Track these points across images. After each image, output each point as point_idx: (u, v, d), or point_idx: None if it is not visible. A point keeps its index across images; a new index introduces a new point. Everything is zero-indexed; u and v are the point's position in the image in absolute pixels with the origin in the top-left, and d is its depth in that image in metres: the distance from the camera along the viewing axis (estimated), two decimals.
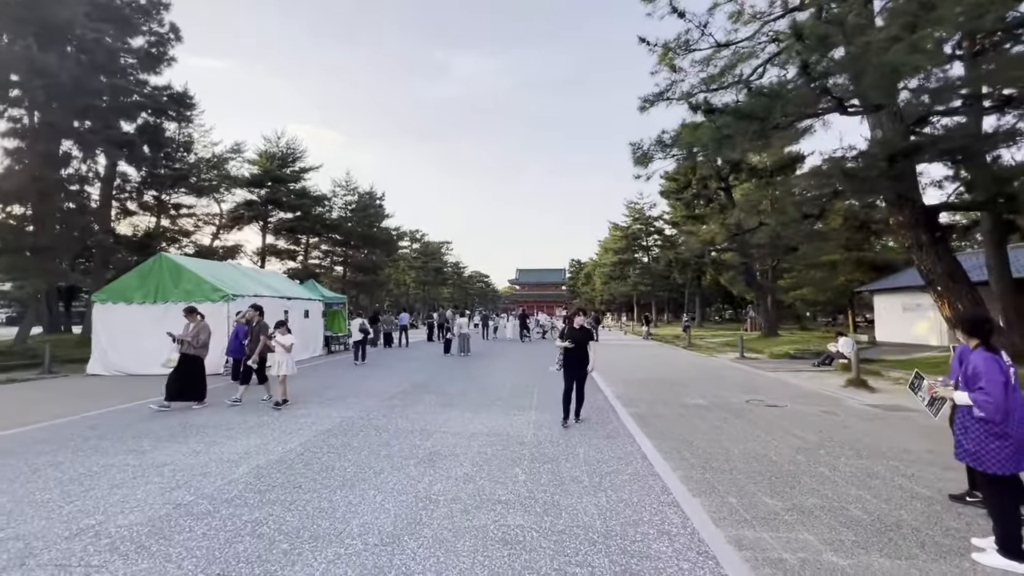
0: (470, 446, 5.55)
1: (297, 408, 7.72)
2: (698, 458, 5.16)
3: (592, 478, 4.51)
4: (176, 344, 7.77)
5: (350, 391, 9.40)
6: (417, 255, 60.44)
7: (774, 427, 6.59)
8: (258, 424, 6.63)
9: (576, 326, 6.66)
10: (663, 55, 10.59)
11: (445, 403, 8.18)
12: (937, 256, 9.66)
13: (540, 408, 7.80)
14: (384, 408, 7.73)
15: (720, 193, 23.03)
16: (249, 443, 5.66)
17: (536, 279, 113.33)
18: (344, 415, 7.19)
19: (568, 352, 6.52)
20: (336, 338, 18.78)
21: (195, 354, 7.81)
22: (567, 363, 6.58)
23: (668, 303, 57.03)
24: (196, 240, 26.52)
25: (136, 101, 18.90)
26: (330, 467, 4.77)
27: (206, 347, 8.00)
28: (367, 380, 10.94)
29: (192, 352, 7.77)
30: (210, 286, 12.29)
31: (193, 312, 8.13)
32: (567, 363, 6.58)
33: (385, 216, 42.77)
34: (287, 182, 32.21)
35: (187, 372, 7.67)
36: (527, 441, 5.79)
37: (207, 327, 8.07)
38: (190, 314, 8.08)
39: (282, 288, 16.01)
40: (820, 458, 5.19)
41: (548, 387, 9.85)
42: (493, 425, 6.60)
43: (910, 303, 21.95)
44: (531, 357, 16.79)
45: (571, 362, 6.55)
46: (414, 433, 6.14)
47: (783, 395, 9.21)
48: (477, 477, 4.51)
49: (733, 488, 4.29)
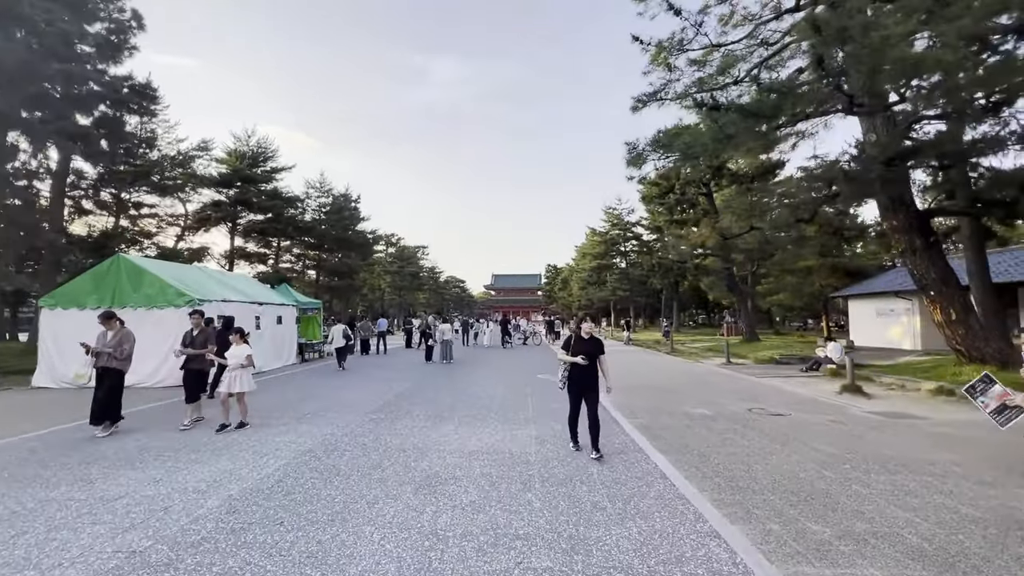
0: (471, 467, 5.01)
1: (272, 425, 7.01)
2: (721, 477, 4.76)
3: (615, 503, 4.04)
4: (90, 357, 6.62)
5: (330, 404, 8.70)
6: (393, 259, 59.18)
7: (788, 439, 6.27)
8: (228, 444, 5.91)
9: (584, 335, 5.51)
10: (656, 54, 10.36)
11: (435, 416, 7.60)
12: (930, 261, 9.68)
13: (538, 421, 7.31)
14: (369, 423, 7.10)
15: (702, 199, 23.16)
16: (219, 468, 4.97)
17: (512, 284, 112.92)
18: (326, 432, 6.53)
19: (575, 368, 5.43)
20: (311, 345, 17.85)
21: (117, 367, 6.65)
22: (574, 381, 5.48)
23: (645, 308, 57.47)
24: (159, 242, 25.04)
25: (93, 91, 17.58)
26: (315, 496, 4.16)
27: (130, 359, 6.84)
28: (347, 391, 10.24)
29: (115, 365, 6.61)
30: (174, 290, 11.37)
31: (112, 318, 6.86)
32: (574, 381, 5.48)
33: (360, 219, 41.64)
34: (258, 182, 30.89)
35: (110, 388, 6.57)
36: (532, 460, 5.28)
37: (131, 335, 6.88)
38: (108, 320, 6.81)
39: (253, 292, 15.08)
40: (848, 474, 4.86)
41: (543, 396, 9.38)
42: (492, 441, 6.07)
43: (884, 308, 22.49)
44: (516, 364, 16.28)
45: (579, 380, 5.45)
46: (406, 452, 5.56)
47: (782, 402, 8.98)
48: (486, 505, 3.98)
49: (771, 512, 3.89)
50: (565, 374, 5.55)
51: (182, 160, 24.33)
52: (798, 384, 11.40)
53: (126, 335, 6.82)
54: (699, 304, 55.66)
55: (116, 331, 6.77)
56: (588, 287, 53.60)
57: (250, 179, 30.23)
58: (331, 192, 39.64)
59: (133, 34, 18.11)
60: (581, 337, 5.57)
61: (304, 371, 14.31)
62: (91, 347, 6.57)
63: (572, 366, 5.45)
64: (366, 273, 47.54)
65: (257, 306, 14.15)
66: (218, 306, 12.01)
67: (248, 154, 31.53)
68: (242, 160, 30.81)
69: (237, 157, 30.90)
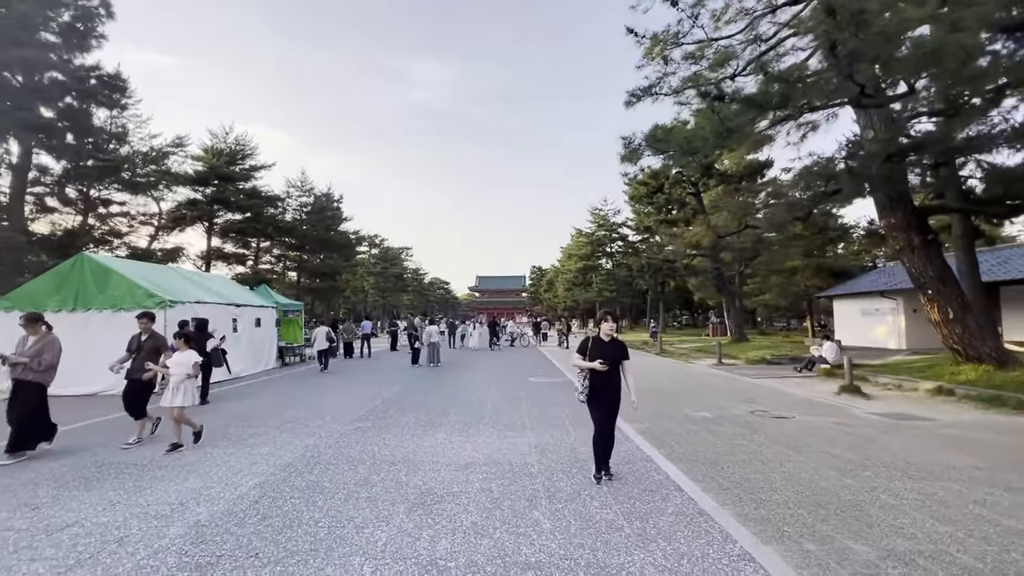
0: (469, 481, 4.58)
1: (249, 435, 6.46)
2: (740, 488, 4.42)
3: (631, 522, 3.66)
4: (4, 367, 5.56)
5: (312, 411, 8.17)
6: (376, 261, 58.22)
7: (798, 444, 5.99)
8: (199, 459, 5.37)
9: (604, 336, 4.63)
10: (651, 47, 10.09)
11: (426, 424, 7.14)
12: (928, 259, 9.59)
13: (535, 427, 6.91)
14: (355, 432, 6.61)
15: (690, 199, 23.11)
16: (186, 487, 4.44)
17: (496, 286, 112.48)
18: (308, 443, 6.02)
19: (595, 377, 4.52)
20: (292, 349, 17.16)
21: (36, 380, 5.55)
22: (597, 392, 4.52)
23: (630, 309, 57.59)
24: (130, 242, 23.96)
25: (57, 81, 16.62)
26: (296, 520, 3.69)
27: (53, 370, 5.73)
28: (330, 396, 9.69)
29: (31, 378, 5.51)
30: (143, 291, 10.67)
31: (36, 322, 5.76)
32: (597, 392, 4.52)
33: (343, 219, 40.77)
34: (236, 180, 29.92)
35: (26, 405, 5.49)
36: (535, 472, 4.87)
37: (55, 343, 5.77)
38: (31, 324, 5.71)
39: (230, 294, 14.37)
40: (871, 482, 4.57)
41: (537, 400, 9.00)
42: (489, 451, 5.64)
43: (868, 308, 22.69)
44: (506, 367, 15.87)
45: (603, 390, 4.51)
46: (397, 465, 5.10)
47: (782, 404, 8.75)
48: (490, 528, 3.56)
49: (803, 529, 3.55)
50: (586, 383, 4.58)
51: (155, 156, 23.33)
52: (794, 385, 11.23)
53: (50, 343, 5.72)
54: (683, 305, 56.04)
55: (39, 337, 5.71)
56: (574, 288, 53.45)
57: (228, 177, 29.26)
58: (312, 191, 38.75)
59: (101, 22, 17.20)
60: (600, 340, 4.64)
61: (285, 375, 13.68)
62: (9, 357, 5.48)
63: (592, 374, 4.53)
64: (349, 275, 46.60)
65: (235, 308, 13.47)
66: (192, 308, 11.34)
67: (226, 151, 30.53)
68: (219, 157, 29.80)
69: (214, 154, 29.87)
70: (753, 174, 20.68)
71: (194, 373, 5.89)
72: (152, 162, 23.02)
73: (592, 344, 4.62)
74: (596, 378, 4.51)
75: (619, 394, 4.59)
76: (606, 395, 4.54)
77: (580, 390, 4.66)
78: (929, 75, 6.40)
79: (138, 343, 6.32)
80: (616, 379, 4.56)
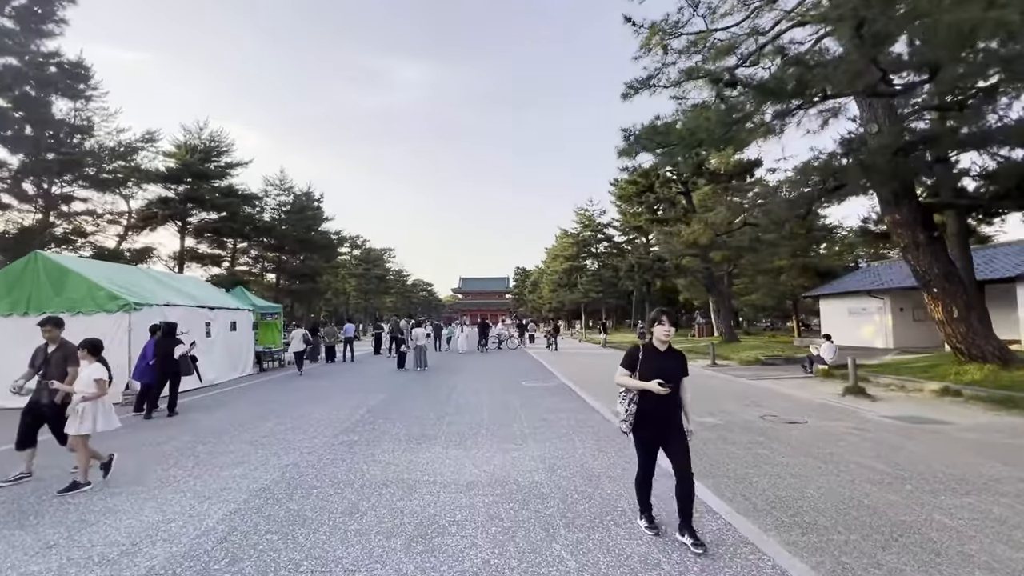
0: (473, 506, 4.03)
1: (220, 453, 5.79)
2: (777, 508, 3.96)
3: (668, 556, 3.16)
4: None
5: (292, 422, 7.49)
6: (359, 262, 57.00)
7: (820, 452, 5.58)
8: (159, 484, 4.70)
9: (659, 343, 3.45)
10: (649, 37, 9.69)
11: (418, 436, 6.55)
12: (933, 256, 9.38)
13: (536, 437, 6.38)
14: (341, 447, 5.98)
15: (681, 198, 22.92)
16: (141, 522, 3.79)
17: (479, 287, 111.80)
18: (286, 461, 5.38)
19: (646, 400, 3.35)
20: (270, 353, 16.31)
21: None
22: (646, 420, 3.39)
23: (615, 310, 57.56)
24: (97, 242, 22.72)
25: (13, 67, 15.48)
26: (272, 563, 3.09)
27: None
28: (312, 405, 9.01)
29: None
30: (106, 293, 9.83)
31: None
32: (646, 420, 3.39)
33: (324, 219, 39.66)
34: (210, 178, 28.73)
35: None
36: (546, 492, 4.34)
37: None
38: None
39: (203, 296, 13.51)
40: (916, 497, 4.17)
41: (533, 407, 8.48)
42: (491, 468, 5.09)
43: (855, 307, 22.81)
44: (495, 370, 15.32)
45: (654, 419, 3.37)
46: (389, 487, 4.51)
47: (789, 408, 8.40)
48: (506, 568, 3.01)
49: (865, 561, 3.09)
50: (632, 409, 3.41)
51: (123, 152, 22.14)
52: (794, 387, 10.94)
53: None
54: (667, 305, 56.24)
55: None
56: (559, 289, 53.13)
57: (202, 174, 28.07)
58: (292, 190, 37.58)
59: (61, 5, 16.12)
60: (653, 348, 3.45)
61: (262, 382, 12.89)
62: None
63: (642, 396, 3.37)
64: (330, 276, 45.44)
65: (208, 311, 12.63)
66: (160, 311, 10.53)
67: (200, 147, 29.29)
68: (193, 154, 28.56)
69: (187, 150, 28.62)
70: (743, 173, 20.57)
71: (97, 393, 4.71)
72: (120, 157, 21.84)
73: (643, 355, 3.42)
74: (648, 401, 3.34)
75: (679, 418, 3.41)
76: (659, 423, 3.36)
77: (623, 416, 3.45)
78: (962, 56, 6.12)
79: (44, 356, 5.07)
80: (674, 402, 3.38)
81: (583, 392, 10.34)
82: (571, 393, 10.29)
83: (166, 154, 27.52)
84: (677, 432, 3.38)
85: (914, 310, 20.18)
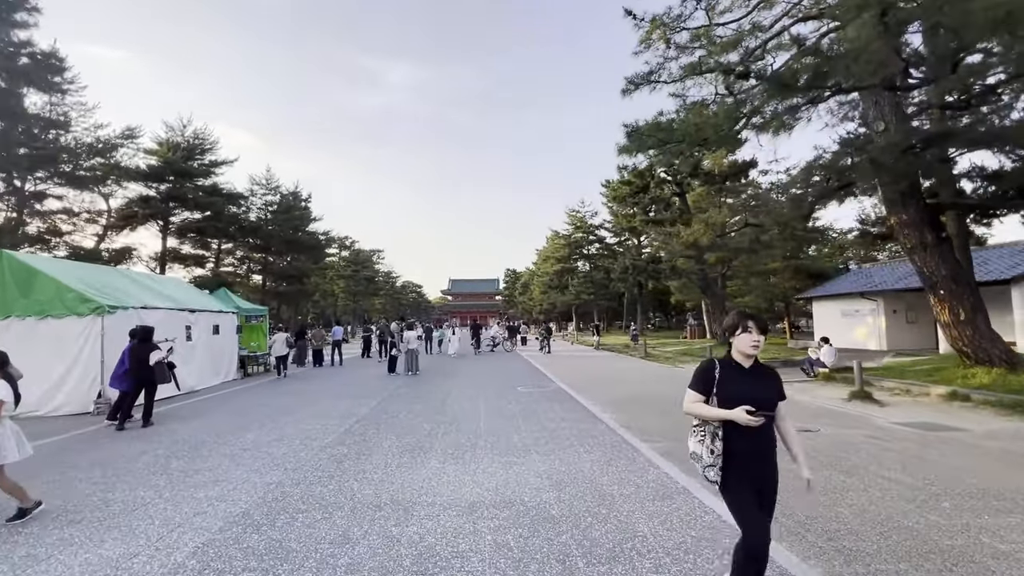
0: (478, 532, 3.63)
1: (195, 471, 5.30)
2: (811, 532, 3.62)
3: None
4: None
5: (276, 432, 7.02)
6: (347, 263, 56.18)
7: (843, 465, 5.27)
8: (125, 508, 4.22)
9: (742, 360, 2.51)
10: (650, 31, 9.38)
11: (412, 448, 6.12)
12: (940, 257, 9.19)
13: (540, 450, 5.99)
14: (328, 461, 5.53)
15: (676, 199, 22.74)
16: (100, 557, 3.33)
17: (469, 289, 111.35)
18: (269, 480, 4.92)
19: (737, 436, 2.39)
20: (255, 358, 15.72)
21: None
22: (742, 461, 2.41)
23: (606, 312, 57.42)
24: (73, 241, 21.91)
25: None
26: None
27: None
28: (298, 413, 8.52)
29: None
30: (76, 295, 9.25)
31: None
32: (742, 461, 2.41)
33: (312, 219, 38.95)
34: (194, 176, 27.95)
35: None
36: (557, 516, 3.95)
37: None
38: None
39: (184, 298, 12.92)
40: (957, 517, 3.85)
41: (531, 414, 8.08)
42: (494, 485, 4.69)
43: (848, 309, 22.79)
44: (488, 374, 14.91)
45: (752, 458, 2.42)
46: (383, 510, 4.09)
47: (798, 414, 8.10)
48: None
49: None
50: (716, 446, 2.42)
51: (102, 148, 21.37)
52: (796, 391, 10.69)
53: None
54: (656, 307, 56.22)
55: None
56: (550, 291, 52.87)
57: (185, 173, 27.28)
58: (279, 190, 36.83)
59: None
60: (734, 364, 2.51)
61: (246, 388, 12.34)
62: None
63: (728, 431, 2.41)
64: (318, 277, 44.66)
65: (189, 314, 12.05)
66: (136, 314, 9.96)
67: (183, 145, 28.47)
68: (175, 151, 27.74)
69: (169, 148, 27.80)
70: (737, 174, 20.45)
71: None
72: (98, 154, 21.09)
73: (722, 374, 2.47)
74: (739, 437, 2.37)
75: (775, 463, 2.44)
76: (756, 467, 2.41)
77: (707, 460, 2.42)
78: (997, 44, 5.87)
79: None
80: (770, 437, 2.44)
81: (581, 397, 9.98)
82: (569, 399, 9.92)
83: (147, 151, 26.71)
84: (771, 478, 2.46)
85: (907, 312, 20.19)
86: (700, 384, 2.54)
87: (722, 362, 2.56)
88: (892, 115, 8.86)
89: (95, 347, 9.08)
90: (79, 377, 9.09)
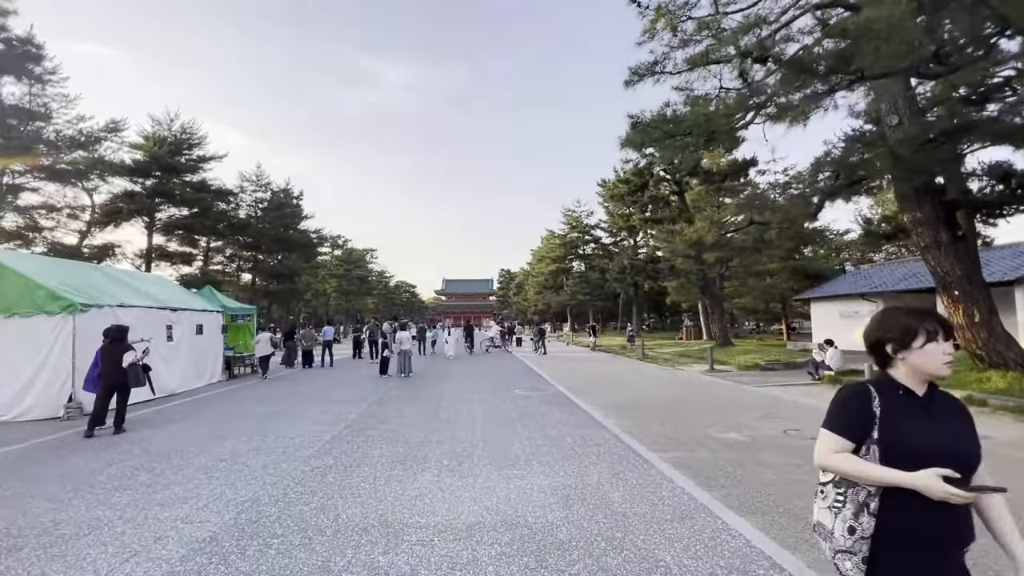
0: (477, 561, 3.18)
1: (164, 484, 4.81)
2: None
3: None
4: None
5: (257, 440, 6.52)
6: (339, 263, 55.48)
7: None
8: (77, 532, 3.72)
9: (916, 387, 1.51)
10: (655, 19, 8.99)
11: (404, 458, 5.66)
12: (955, 257, 8.87)
13: (542, 459, 5.56)
14: (311, 475, 5.06)
15: (674, 197, 22.43)
16: None
17: (463, 289, 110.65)
18: (244, 496, 4.44)
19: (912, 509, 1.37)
20: (241, 359, 15.15)
21: None
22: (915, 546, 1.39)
23: (602, 312, 57.14)
24: (53, 238, 21.21)
25: None
26: None
27: None
28: (282, 419, 8.02)
29: None
30: (47, 293, 8.69)
31: None
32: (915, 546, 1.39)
33: (303, 217, 38.28)
34: (181, 172, 27.27)
35: None
36: (565, 540, 3.51)
37: None
38: None
39: (166, 297, 12.35)
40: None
41: (531, 419, 7.64)
42: (494, 502, 4.24)
43: (847, 310, 22.57)
44: (483, 375, 14.45)
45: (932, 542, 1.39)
46: (370, 532, 3.63)
47: (808, 420, 7.73)
48: None
49: None
50: (865, 525, 1.42)
51: (84, 141, 20.70)
52: (802, 394, 10.34)
53: None
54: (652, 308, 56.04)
55: None
56: (545, 291, 52.50)
57: (172, 168, 26.60)
58: (269, 186, 36.13)
59: None
60: (905, 393, 1.51)
61: (231, 390, 11.79)
62: None
63: (894, 502, 1.40)
64: (309, 276, 43.96)
65: (170, 312, 11.48)
66: (112, 312, 9.41)
67: (170, 139, 27.76)
68: (162, 146, 27.02)
69: (156, 142, 27.08)
70: (736, 173, 20.18)
71: None
72: (80, 147, 20.43)
73: (886, 408, 1.48)
74: (911, 513, 1.39)
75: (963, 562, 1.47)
76: (935, 565, 1.42)
77: (843, 544, 1.44)
78: None
79: None
80: (966, 515, 1.43)
81: (581, 401, 9.55)
82: (569, 403, 9.50)
83: (133, 145, 25.98)
84: None
85: None
86: (847, 424, 1.52)
87: (881, 386, 1.53)
88: (906, 109, 8.55)
89: (66, 348, 8.53)
90: (48, 380, 8.54)
